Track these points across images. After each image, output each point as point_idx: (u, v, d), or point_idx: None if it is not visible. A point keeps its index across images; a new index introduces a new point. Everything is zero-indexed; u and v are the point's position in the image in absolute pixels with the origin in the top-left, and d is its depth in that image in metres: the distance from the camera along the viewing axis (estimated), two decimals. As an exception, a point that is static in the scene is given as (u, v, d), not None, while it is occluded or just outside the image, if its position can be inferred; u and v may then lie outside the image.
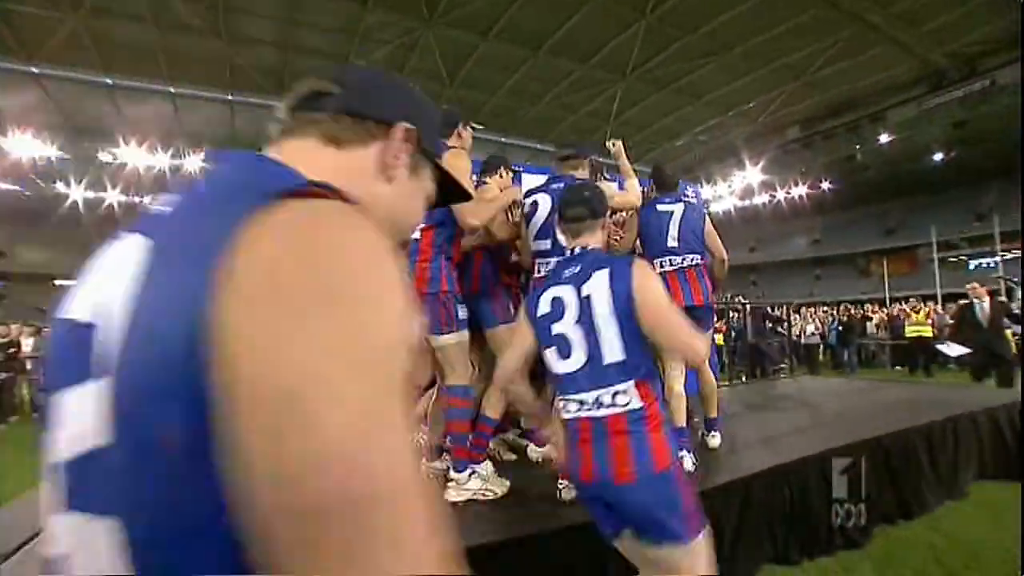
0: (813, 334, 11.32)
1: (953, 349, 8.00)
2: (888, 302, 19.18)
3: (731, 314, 9.75)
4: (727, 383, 7.14)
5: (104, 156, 21.15)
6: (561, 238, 1.75)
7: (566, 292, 1.43)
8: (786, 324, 7.99)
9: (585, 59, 16.82)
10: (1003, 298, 7.26)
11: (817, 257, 31.62)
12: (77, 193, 23.77)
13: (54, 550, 0.38)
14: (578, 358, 1.39)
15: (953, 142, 22.17)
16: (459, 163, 2.14)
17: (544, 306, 1.47)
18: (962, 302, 8.29)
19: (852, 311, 12.64)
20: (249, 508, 0.29)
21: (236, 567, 0.31)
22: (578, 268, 1.47)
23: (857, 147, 21.29)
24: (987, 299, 7.17)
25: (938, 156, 23.75)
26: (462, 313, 2.32)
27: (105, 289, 0.38)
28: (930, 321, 9.35)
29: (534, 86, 18.41)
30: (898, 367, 11.06)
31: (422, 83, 18.35)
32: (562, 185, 2.43)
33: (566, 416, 1.44)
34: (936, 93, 17.81)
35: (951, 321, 9.09)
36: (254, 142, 21.73)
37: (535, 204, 2.53)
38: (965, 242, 25.61)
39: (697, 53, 16.30)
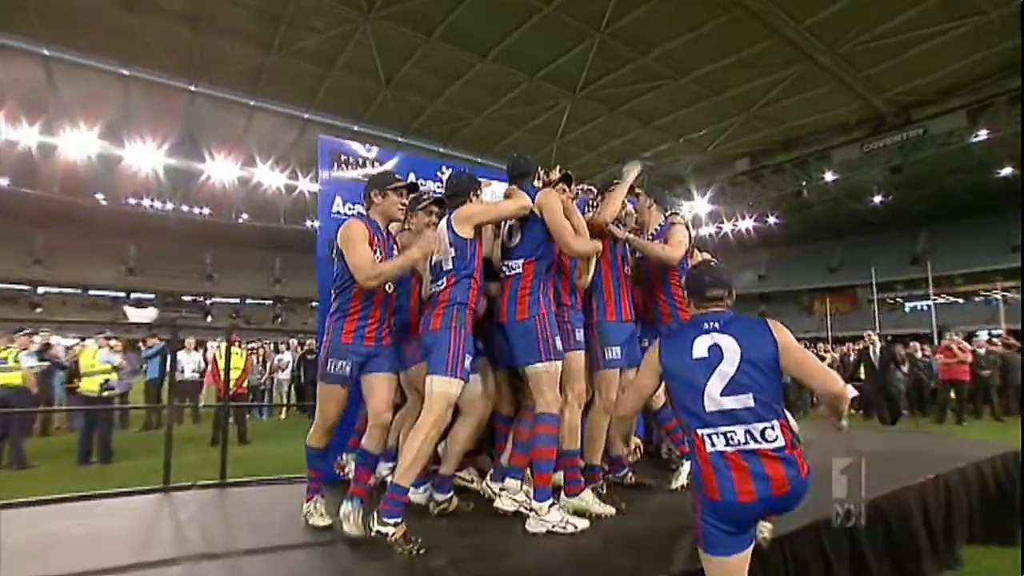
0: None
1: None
2: (831, 341, 18.92)
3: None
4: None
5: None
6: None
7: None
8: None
9: (534, 71, 15.93)
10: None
11: (762, 293, 31.93)
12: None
13: (720, 408, 1.57)
14: None
15: (890, 186, 22.80)
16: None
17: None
18: (860, 346, 9.71)
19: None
20: (789, 371, 1.63)
21: (778, 390, 1.59)
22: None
23: (803, 183, 21.41)
24: (879, 344, 8.69)
25: (877, 199, 24.43)
26: (558, 343, 2.40)
27: (710, 346, 1.64)
28: (883, 361, 9.49)
29: (478, 95, 17.30)
30: (851, 410, 10.57)
31: (356, 79, 16.96)
32: None
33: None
34: (877, 136, 18.09)
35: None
36: (149, 121, 19.00)
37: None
38: (901, 284, 26.34)
39: (649, 75, 15.76)
